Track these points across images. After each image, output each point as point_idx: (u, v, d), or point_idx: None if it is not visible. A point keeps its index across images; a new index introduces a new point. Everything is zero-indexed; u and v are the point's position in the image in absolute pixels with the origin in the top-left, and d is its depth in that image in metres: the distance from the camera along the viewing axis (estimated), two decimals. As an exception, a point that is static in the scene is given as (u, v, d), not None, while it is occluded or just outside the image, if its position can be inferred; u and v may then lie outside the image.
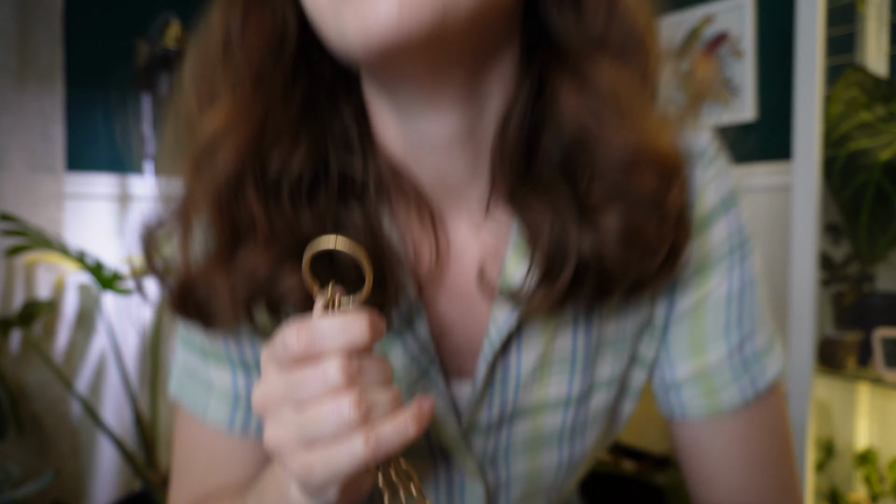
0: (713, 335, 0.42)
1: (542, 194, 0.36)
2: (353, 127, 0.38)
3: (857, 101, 1.17)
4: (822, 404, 1.32)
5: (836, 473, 1.32)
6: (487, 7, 0.30)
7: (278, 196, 0.35)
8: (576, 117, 0.34)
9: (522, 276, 0.37)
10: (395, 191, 0.38)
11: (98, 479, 1.68)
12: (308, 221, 0.36)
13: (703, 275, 0.42)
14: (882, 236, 1.07)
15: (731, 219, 0.43)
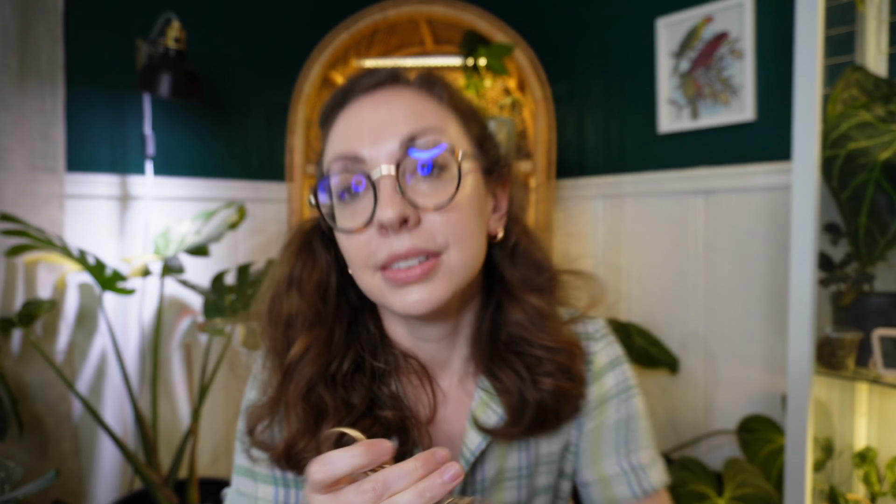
0: (608, 450, 0.63)
1: (504, 366, 0.59)
2: (376, 333, 0.60)
3: (856, 100, 1.17)
4: (820, 404, 1.32)
5: (835, 473, 1.32)
6: (472, 277, 0.56)
7: (336, 385, 0.56)
8: (518, 323, 0.59)
9: (494, 416, 0.59)
10: (405, 368, 0.60)
11: (99, 479, 1.68)
12: (357, 399, 0.56)
13: (600, 409, 0.64)
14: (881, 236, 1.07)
15: (618, 373, 0.65)
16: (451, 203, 0.51)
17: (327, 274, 0.59)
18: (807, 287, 1.09)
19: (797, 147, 1.09)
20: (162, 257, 1.64)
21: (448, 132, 0.54)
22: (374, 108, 0.54)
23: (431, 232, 0.51)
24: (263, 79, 2.04)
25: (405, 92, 0.56)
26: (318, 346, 0.56)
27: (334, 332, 0.57)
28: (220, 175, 1.94)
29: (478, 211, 0.55)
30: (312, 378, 0.55)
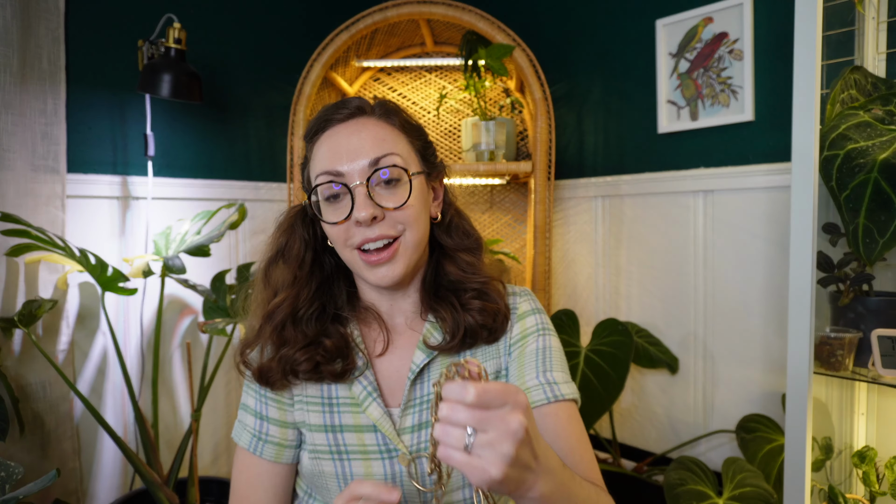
0: (529, 368, 0.81)
1: (444, 303, 0.82)
2: (345, 292, 0.85)
3: (854, 101, 1.17)
4: (820, 404, 1.32)
5: (834, 472, 1.33)
6: (422, 250, 0.80)
7: (300, 324, 0.79)
8: (453, 273, 0.83)
9: (437, 339, 0.81)
10: (366, 317, 0.84)
11: (99, 479, 1.69)
12: (313, 333, 0.79)
13: (523, 341, 0.84)
14: (880, 236, 1.08)
15: (537, 318, 0.86)
16: (405, 204, 0.75)
17: (304, 248, 0.82)
18: (806, 287, 1.10)
19: (796, 147, 1.09)
20: (162, 257, 1.64)
21: (401, 151, 0.77)
22: (348, 136, 0.76)
23: (393, 223, 0.75)
24: (264, 79, 2.04)
25: (369, 122, 0.78)
26: (290, 299, 0.79)
27: (303, 290, 0.80)
28: (220, 175, 1.94)
29: (423, 204, 0.79)
30: (284, 320, 0.79)
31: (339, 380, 0.78)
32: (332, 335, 0.79)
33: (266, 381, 0.78)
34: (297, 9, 2.12)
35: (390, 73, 2.15)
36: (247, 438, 0.81)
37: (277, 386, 0.78)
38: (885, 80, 1.21)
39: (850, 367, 1.18)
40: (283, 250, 0.82)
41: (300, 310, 0.79)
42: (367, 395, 0.78)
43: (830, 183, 1.11)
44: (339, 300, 0.84)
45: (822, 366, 1.18)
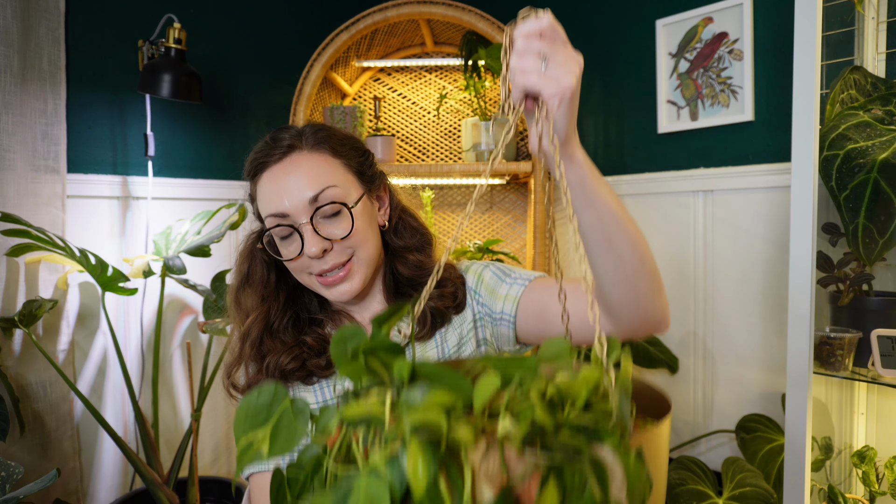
0: (497, 287, 0.87)
1: (406, 298, 0.87)
2: (314, 300, 0.90)
3: (854, 101, 1.17)
4: (819, 404, 1.32)
5: (834, 472, 1.33)
6: (376, 261, 0.85)
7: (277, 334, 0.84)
8: (407, 273, 0.89)
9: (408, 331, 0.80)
10: (338, 320, 0.88)
11: (99, 478, 1.69)
12: (291, 340, 0.83)
13: (483, 285, 0.90)
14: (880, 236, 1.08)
15: (484, 265, 0.92)
16: (350, 234, 0.79)
17: (266, 270, 0.87)
18: (806, 287, 1.10)
19: (796, 147, 1.10)
20: (162, 257, 1.64)
21: (337, 181, 0.80)
22: (284, 176, 0.80)
23: (342, 249, 0.80)
24: (264, 79, 2.04)
25: (302, 157, 0.81)
26: (262, 314, 0.84)
27: (273, 304, 0.85)
28: (220, 175, 1.94)
29: (368, 221, 0.83)
30: (260, 333, 0.83)
31: (325, 372, 0.82)
32: (311, 335, 0.84)
33: None
34: (297, 9, 2.12)
35: (390, 73, 2.15)
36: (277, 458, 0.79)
37: None
38: (885, 80, 1.21)
39: (850, 367, 1.18)
40: (247, 276, 0.87)
41: (274, 322, 0.84)
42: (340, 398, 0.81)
43: (830, 183, 1.11)
44: (311, 306, 0.89)
45: (822, 366, 1.18)
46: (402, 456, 0.33)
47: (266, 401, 0.45)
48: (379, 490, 0.33)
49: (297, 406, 0.44)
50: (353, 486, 0.34)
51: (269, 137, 0.84)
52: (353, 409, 0.37)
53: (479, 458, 0.33)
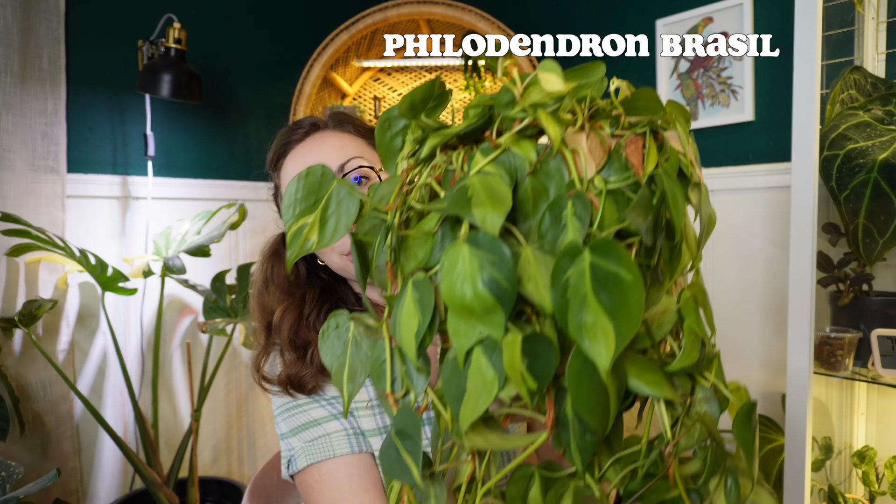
0: None
1: None
2: (350, 294, 0.84)
3: (854, 101, 1.17)
4: (819, 404, 1.32)
5: (834, 472, 1.33)
6: None
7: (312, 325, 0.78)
8: None
9: None
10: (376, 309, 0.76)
11: (99, 478, 1.69)
12: None
13: None
14: (880, 236, 1.08)
15: None
16: None
17: (295, 267, 0.83)
18: (806, 287, 1.10)
19: (796, 147, 1.10)
20: (162, 257, 1.64)
21: (362, 153, 0.78)
22: (309, 151, 0.78)
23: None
24: (264, 79, 2.04)
25: (326, 134, 0.79)
26: (292, 306, 0.79)
27: (306, 295, 0.81)
28: (220, 175, 1.94)
29: None
30: (293, 326, 0.78)
31: None
32: None
33: (298, 385, 0.76)
34: (297, 9, 2.12)
35: (390, 73, 2.15)
36: (344, 443, 0.74)
37: (310, 387, 0.76)
38: (885, 80, 1.21)
39: (850, 367, 1.18)
40: (270, 276, 0.84)
41: (310, 314, 0.79)
42: None
43: (830, 183, 1.11)
44: (348, 300, 0.84)
45: (822, 366, 1.18)
46: (513, 147, 0.35)
47: (314, 182, 0.41)
48: (492, 181, 0.34)
49: (347, 186, 0.40)
50: (466, 185, 0.34)
51: (290, 124, 0.82)
52: (448, 130, 0.39)
53: (584, 139, 0.36)
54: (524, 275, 0.32)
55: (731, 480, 0.36)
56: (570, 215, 0.33)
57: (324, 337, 0.43)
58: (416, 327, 0.35)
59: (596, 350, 0.30)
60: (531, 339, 0.32)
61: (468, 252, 0.32)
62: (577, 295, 0.30)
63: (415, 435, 0.36)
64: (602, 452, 0.36)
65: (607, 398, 0.32)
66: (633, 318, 0.29)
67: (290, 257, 0.41)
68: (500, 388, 0.32)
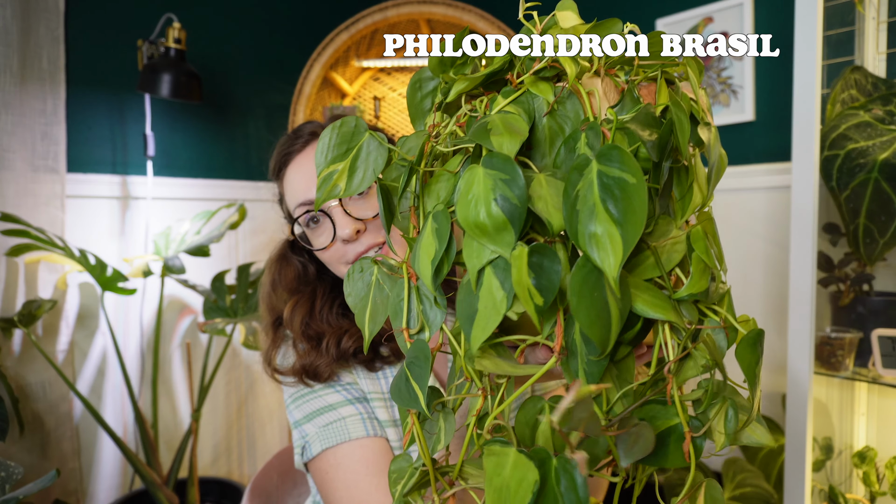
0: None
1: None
2: None
3: (855, 101, 1.17)
4: (820, 404, 1.32)
5: (835, 473, 1.33)
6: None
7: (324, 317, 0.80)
8: None
9: None
10: None
11: (99, 479, 1.69)
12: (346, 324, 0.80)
13: None
14: (880, 236, 1.08)
15: None
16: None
17: (303, 268, 0.85)
18: (806, 287, 1.10)
19: (796, 147, 1.09)
20: (162, 257, 1.64)
21: None
22: (309, 162, 0.79)
23: (377, 229, 0.76)
24: (264, 79, 2.04)
25: None
26: (303, 299, 0.81)
27: (317, 290, 0.82)
28: (220, 175, 1.94)
29: None
30: (304, 318, 0.79)
31: (398, 358, 0.80)
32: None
33: (314, 374, 0.77)
34: (297, 9, 2.12)
35: (390, 73, 2.15)
36: (360, 426, 0.74)
37: (326, 376, 0.77)
38: (885, 80, 1.21)
39: (851, 367, 1.18)
40: (278, 279, 0.85)
41: (322, 308, 0.81)
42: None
43: (830, 183, 1.11)
44: None
45: (823, 366, 1.18)
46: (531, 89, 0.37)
47: (347, 132, 0.43)
48: (512, 118, 0.37)
49: (378, 138, 0.42)
50: (487, 120, 0.36)
51: (289, 132, 0.83)
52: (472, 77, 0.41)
53: (599, 83, 0.38)
54: (535, 195, 0.34)
55: (731, 410, 0.37)
56: (582, 145, 0.35)
57: (349, 279, 0.45)
58: (433, 254, 0.37)
59: (604, 258, 0.31)
60: (537, 251, 0.33)
61: (482, 173, 0.34)
62: (585, 206, 0.32)
63: (424, 364, 0.38)
64: (612, 389, 0.37)
65: (609, 314, 0.32)
66: (638, 221, 0.31)
67: (319, 199, 0.42)
68: (509, 307, 0.34)
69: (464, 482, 0.39)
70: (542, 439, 0.36)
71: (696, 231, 0.37)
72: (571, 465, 0.30)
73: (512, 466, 0.32)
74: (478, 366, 0.36)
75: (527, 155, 0.38)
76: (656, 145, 0.35)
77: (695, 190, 0.38)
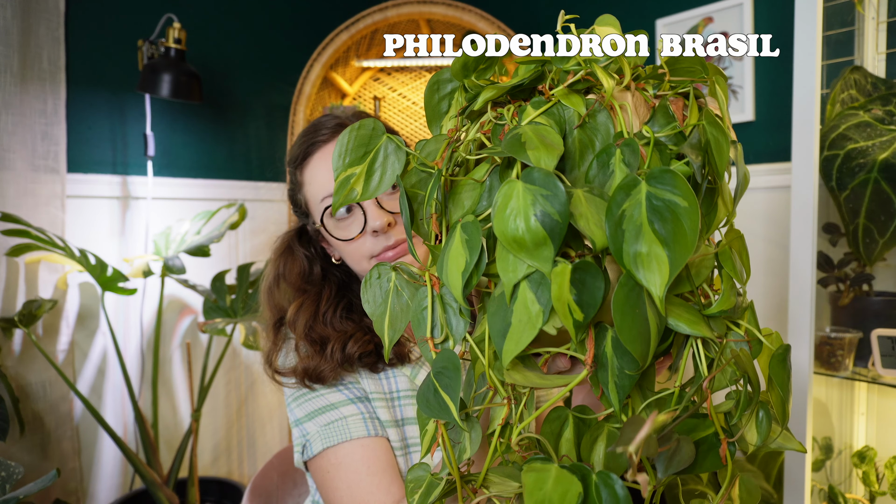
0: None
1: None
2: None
3: (854, 101, 1.17)
4: (819, 404, 1.32)
5: (834, 472, 1.33)
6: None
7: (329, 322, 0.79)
8: None
9: None
10: None
11: (99, 479, 1.69)
12: (349, 328, 0.79)
13: None
14: (880, 236, 1.08)
15: None
16: None
17: (308, 264, 0.83)
18: (806, 287, 1.10)
19: (796, 147, 1.10)
20: (162, 257, 1.64)
21: None
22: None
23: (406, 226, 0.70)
24: (264, 79, 2.04)
25: None
26: (308, 302, 0.80)
27: (322, 292, 0.81)
28: (220, 175, 1.94)
29: None
30: (308, 321, 0.78)
31: (402, 362, 0.79)
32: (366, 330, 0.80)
33: (317, 378, 0.76)
34: (297, 9, 2.12)
35: (390, 73, 2.15)
36: (361, 425, 0.74)
37: (329, 379, 0.77)
38: (885, 80, 1.21)
39: (850, 367, 1.18)
40: (282, 273, 0.83)
41: (326, 311, 0.80)
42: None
43: (830, 183, 1.11)
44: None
45: (822, 366, 1.18)
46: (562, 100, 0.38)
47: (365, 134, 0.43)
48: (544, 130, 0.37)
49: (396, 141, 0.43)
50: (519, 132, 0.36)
51: (310, 125, 0.81)
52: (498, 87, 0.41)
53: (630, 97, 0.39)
54: (576, 212, 0.34)
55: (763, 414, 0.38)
56: (618, 161, 0.35)
57: (366, 286, 0.45)
58: (464, 266, 0.37)
59: (651, 279, 0.31)
60: (580, 269, 0.34)
61: (522, 188, 0.34)
62: (632, 226, 0.32)
63: (453, 374, 0.38)
64: (636, 397, 0.38)
65: (649, 331, 0.33)
66: (688, 244, 0.31)
67: (336, 203, 0.43)
68: (545, 322, 0.34)
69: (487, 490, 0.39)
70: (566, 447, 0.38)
71: (724, 249, 0.38)
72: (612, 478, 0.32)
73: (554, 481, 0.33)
74: (508, 378, 0.36)
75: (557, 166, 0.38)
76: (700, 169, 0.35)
77: (719, 205, 0.39)
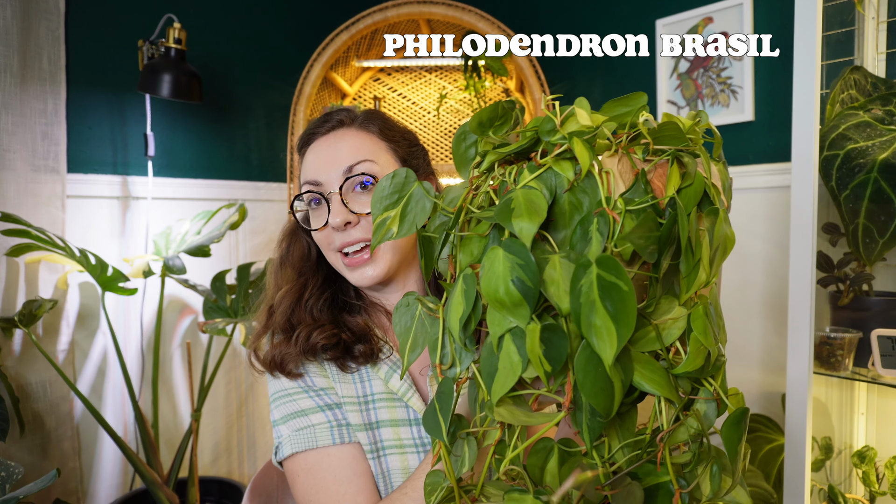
0: None
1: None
2: (352, 289, 0.87)
3: (854, 101, 1.17)
4: (819, 404, 1.32)
5: (834, 472, 1.33)
6: (406, 251, 0.82)
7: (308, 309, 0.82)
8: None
9: None
10: (374, 311, 0.86)
11: (99, 478, 1.69)
12: (326, 319, 0.81)
13: None
14: (880, 236, 1.08)
15: None
16: None
17: (308, 248, 0.87)
18: (806, 287, 1.10)
19: (796, 147, 1.10)
20: (162, 257, 1.64)
21: (378, 158, 0.80)
22: (326, 147, 0.80)
23: (368, 227, 0.77)
24: (264, 79, 2.04)
25: (348, 132, 0.81)
26: (294, 288, 0.83)
27: (310, 281, 0.84)
28: (220, 175, 1.94)
29: None
30: (290, 306, 0.81)
31: (368, 360, 0.80)
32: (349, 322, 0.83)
33: (280, 366, 0.78)
34: (297, 9, 2.12)
35: (390, 73, 2.15)
36: (327, 434, 0.76)
37: (291, 367, 0.78)
38: (885, 80, 1.21)
39: (850, 367, 1.18)
40: (286, 255, 0.87)
41: (309, 298, 0.82)
42: (409, 387, 0.79)
43: (830, 183, 1.11)
44: (349, 292, 0.87)
45: (822, 366, 1.18)
46: (553, 167, 0.42)
47: (399, 182, 0.49)
48: (534, 195, 0.40)
49: (426, 187, 0.48)
50: (511, 197, 0.41)
51: (323, 114, 0.84)
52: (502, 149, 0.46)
53: (616, 162, 0.43)
54: (549, 278, 0.38)
55: (717, 468, 0.41)
56: (594, 230, 0.39)
57: (397, 311, 0.51)
58: (461, 314, 0.43)
59: (602, 347, 0.35)
60: (548, 329, 0.38)
61: (502, 255, 0.39)
62: (587, 300, 0.36)
63: (448, 399, 0.45)
64: (614, 436, 0.42)
65: (612, 387, 0.37)
66: (629, 322, 0.35)
67: (374, 243, 0.49)
68: (524, 370, 0.39)
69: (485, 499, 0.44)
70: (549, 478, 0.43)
71: (696, 311, 0.40)
72: None
73: None
74: (497, 416, 0.40)
75: (548, 225, 0.42)
76: (655, 247, 0.39)
77: (700, 269, 0.41)
